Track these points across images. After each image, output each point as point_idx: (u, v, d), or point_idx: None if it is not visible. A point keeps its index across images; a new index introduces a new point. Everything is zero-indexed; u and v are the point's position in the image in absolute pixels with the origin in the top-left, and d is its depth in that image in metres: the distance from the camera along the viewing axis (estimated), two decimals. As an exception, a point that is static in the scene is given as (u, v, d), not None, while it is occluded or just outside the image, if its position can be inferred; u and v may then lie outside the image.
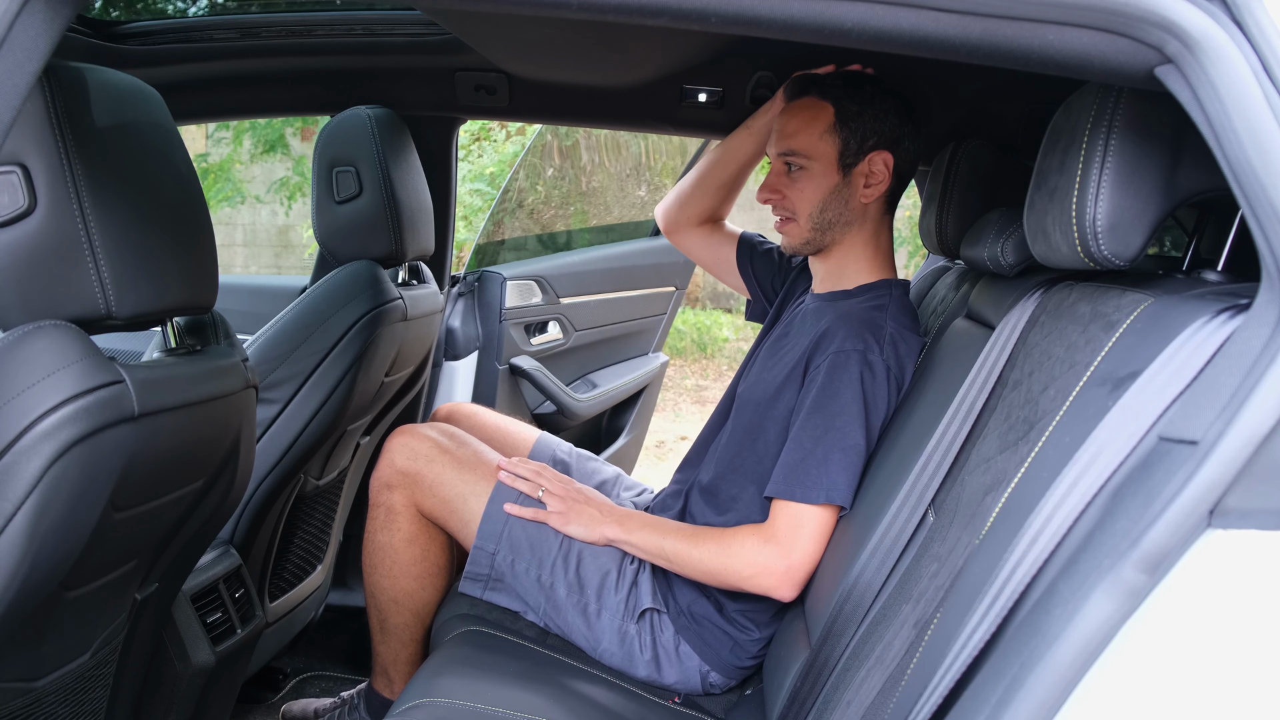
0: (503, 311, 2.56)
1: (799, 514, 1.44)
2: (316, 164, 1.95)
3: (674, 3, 0.79)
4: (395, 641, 1.72)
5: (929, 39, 0.78)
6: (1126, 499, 0.74)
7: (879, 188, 1.56)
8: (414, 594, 1.68)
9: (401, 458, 1.65)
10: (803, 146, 1.55)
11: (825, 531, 1.43)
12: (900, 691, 0.95)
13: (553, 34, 1.71)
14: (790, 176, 1.57)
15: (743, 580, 1.45)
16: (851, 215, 1.57)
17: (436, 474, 1.64)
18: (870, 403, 1.44)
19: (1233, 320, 0.76)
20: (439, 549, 1.69)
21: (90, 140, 0.97)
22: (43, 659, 1.07)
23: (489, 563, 1.60)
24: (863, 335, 1.46)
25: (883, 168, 1.55)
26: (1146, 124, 0.89)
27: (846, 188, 1.55)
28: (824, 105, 1.54)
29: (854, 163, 1.54)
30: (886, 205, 1.60)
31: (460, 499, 1.63)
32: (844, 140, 1.53)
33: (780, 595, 1.45)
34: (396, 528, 1.66)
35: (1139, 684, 0.72)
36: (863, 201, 1.56)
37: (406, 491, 1.64)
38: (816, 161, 1.54)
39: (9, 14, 0.75)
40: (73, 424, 0.91)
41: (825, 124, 1.54)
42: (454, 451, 1.67)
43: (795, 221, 1.58)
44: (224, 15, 2.34)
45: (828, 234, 1.58)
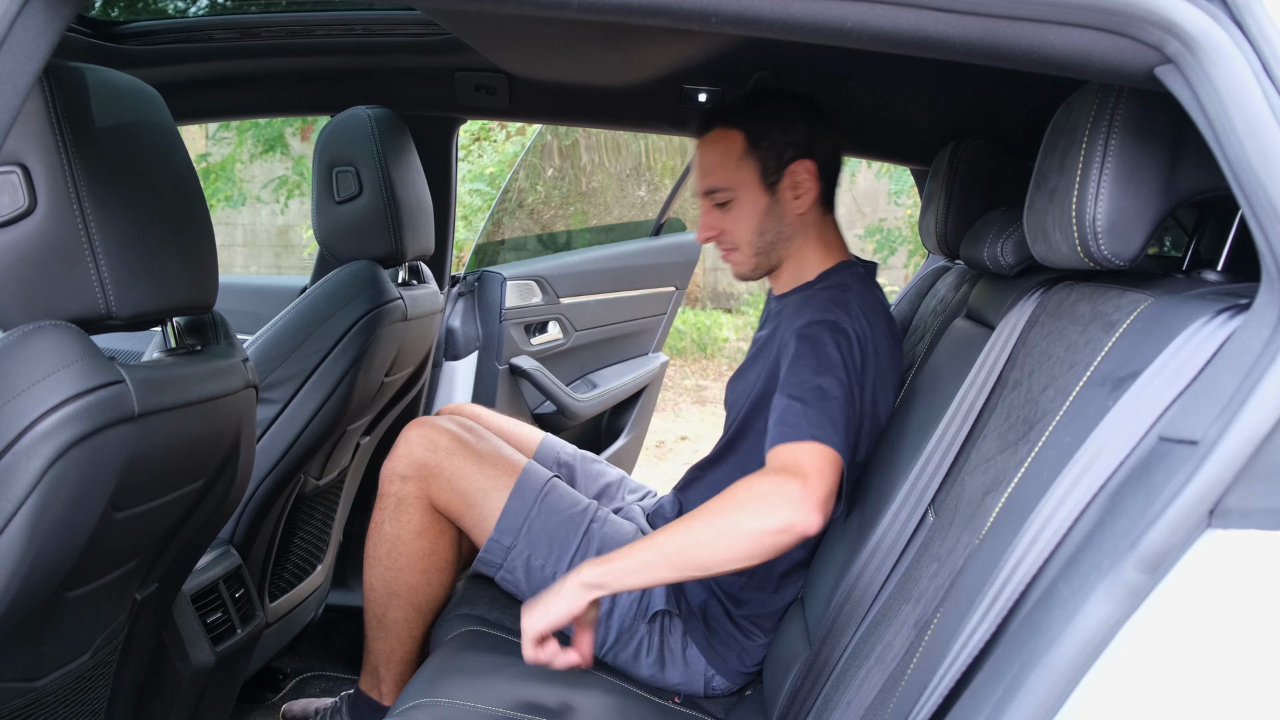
0: (503, 311, 2.56)
1: (794, 451, 1.31)
2: (316, 164, 1.95)
3: (674, 3, 0.79)
4: (391, 638, 1.69)
5: (929, 39, 0.78)
6: (1126, 499, 0.74)
7: (808, 195, 1.54)
8: (417, 588, 1.66)
9: (421, 449, 1.62)
10: (723, 179, 1.54)
11: (827, 465, 1.29)
12: (900, 691, 0.95)
13: (553, 34, 1.71)
14: (721, 210, 1.56)
15: (759, 520, 1.25)
16: (791, 228, 1.56)
17: (457, 467, 1.62)
18: (849, 362, 1.39)
19: (1233, 320, 0.76)
20: (448, 543, 1.67)
21: (90, 140, 0.97)
22: (43, 659, 1.07)
23: (503, 555, 1.59)
24: (829, 309, 1.45)
25: (806, 175, 1.53)
26: (1146, 124, 0.89)
27: (777, 205, 1.54)
28: (732, 133, 1.53)
29: (777, 179, 1.53)
30: (823, 206, 1.59)
31: (481, 493, 1.61)
32: (761, 161, 1.52)
33: (806, 523, 1.24)
34: (406, 519, 1.63)
35: (1139, 684, 0.72)
36: (797, 213, 1.55)
37: (421, 484, 1.62)
38: (741, 189, 1.53)
39: (9, 14, 0.75)
40: (73, 424, 0.91)
41: (739, 150, 1.53)
42: (474, 445, 1.65)
43: (738, 250, 1.57)
44: (224, 15, 2.35)
45: (773, 253, 1.58)
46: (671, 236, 3.10)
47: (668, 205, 3.13)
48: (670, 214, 3.13)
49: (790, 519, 1.24)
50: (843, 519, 1.42)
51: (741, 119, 1.53)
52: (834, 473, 1.29)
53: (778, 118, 1.52)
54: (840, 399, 1.35)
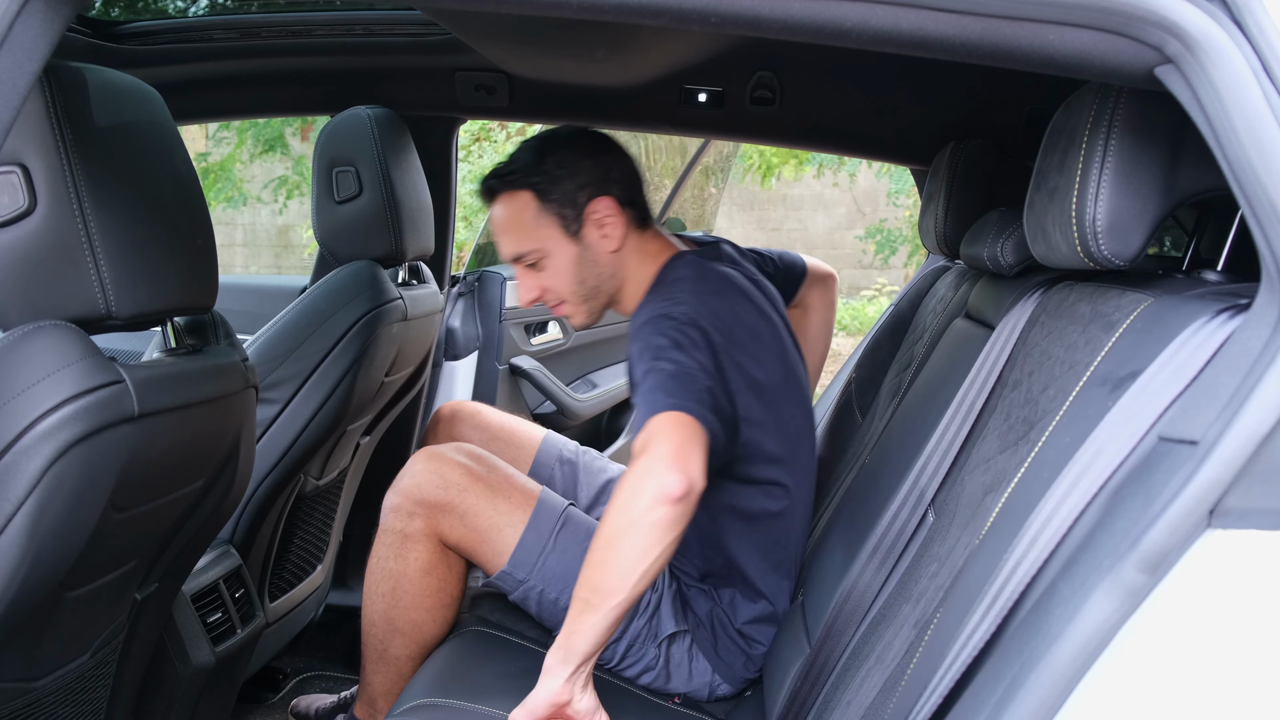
0: (503, 311, 2.56)
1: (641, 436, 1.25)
2: (316, 164, 1.95)
3: (674, 3, 0.79)
4: (393, 673, 1.63)
5: (929, 39, 0.78)
6: (1126, 499, 0.74)
7: (616, 230, 1.51)
8: (422, 625, 1.58)
9: (430, 485, 1.54)
10: (525, 243, 1.51)
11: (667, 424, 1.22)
12: (900, 691, 0.95)
13: (553, 34, 1.71)
14: (536, 272, 1.53)
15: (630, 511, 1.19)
16: (609, 267, 1.53)
17: (470, 504, 1.54)
18: (681, 339, 1.33)
19: (1233, 320, 0.76)
20: (456, 580, 1.60)
21: (90, 140, 0.97)
22: (43, 659, 1.07)
23: (515, 586, 1.54)
24: (654, 306, 1.39)
25: (608, 212, 1.50)
26: (1146, 124, 0.89)
27: (588, 250, 1.51)
28: (520, 195, 1.50)
29: (579, 226, 1.50)
30: (637, 229, 1.55)
31: (495, 530, 1.53)
32: (558, 214, 1.49)
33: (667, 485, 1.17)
34: (413, 557, 1.56)
35: (1139, 684, 0.72)
36: (610, 250, 1.52)
37: (429, 520, 1.54)
38: (547, 246, 1.50)
39: (9, 14, 0.75)
40: (73, 424, 0.91)
41: (532, 210, 1.50)
42: (485, 478, 1.57)
43: (566, 303, 1.55)
44: (224, 15, 2.35)
45: (601, 295, 1.55)
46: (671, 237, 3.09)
47: (668, 205, 3.13)
48: (670, 214, 3.13)
49: (652, 491, 1.18)
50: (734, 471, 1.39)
51: (524, 178, 1.50)
52: (677, 428, 1.22)
53: (561, 165, 1.49)
54: (670, 370, 1.29)
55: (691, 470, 1.19)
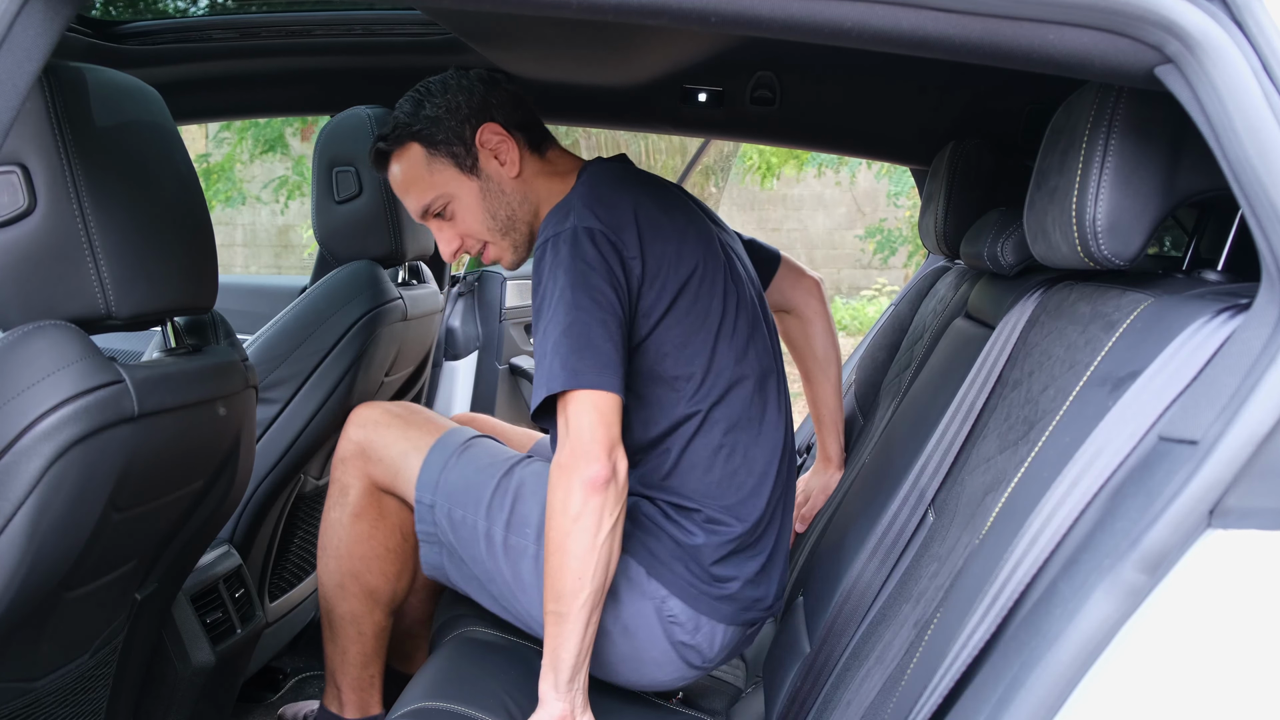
0: (503, 311, 2.56)
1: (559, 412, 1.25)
2: (316, 164, 1.95)
3: (674, 3, 0.79)
4: (341, 638, 1.58)
5: (929, 39, 0.78)
6: (1126, 499, 0.74)
7: (511, 153, 1.45)
8: (360, 576, 1.55)
9: (352, 428, 1.56)
10: (428, 190, 1.46)
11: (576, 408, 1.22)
12: (900, 691, 0.95)
13: (553, 34, 1.71)
14: (448, 221, 1.49)
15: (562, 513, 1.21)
16: (516, 193, 1.47)
17: (383, 438, 1.53)
18: (574, 274, 1.26)
19: (1233, 320, 0.76)
20: (388, 529, 1.56)
21: (90, 140, 0.97)
22: (42, 659, 1.07)
23: (431, 517, 1.46)
24: (549, 225, 1.33)
25: (496, 137, 1.44)
26: (1146, 124, 0.89)
27: (489, 181, 1.46)
28: (407, 148, 1.46)
29: (474, 160, 1.45)
30: (534, 149, 1.49)
31: (403, 457, 1.50)
32: (448, 153, 1.45)
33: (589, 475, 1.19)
34: (347, 502, 1.56)
35: (1139, 684, 0.72)
36: (512, 175, 1.46)
37: (360, 464, 1.54)
38: (449, 189, 1.46)
39: (9, 14, 0.75)
40: (72, 424, 0.91)
41: (422, 160, 1.46)
42: (404, 416, 1.56)
43: (490, 244, 1.49)
44: (224, 15, 2.35)
45: (518, 224, 1.48)
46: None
47: (668, 205, 3.12)
48: (670, 214, 3.13)
49: (579, 486, 1.20)
50: None
51: (406, 130, 1.46)
52: (587, 410, 1.21)
53: (438, 107, 1.45)
54: (566, 322, 1.23)
55: (615, 452, 1.21)
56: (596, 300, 1.26)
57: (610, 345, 1.24)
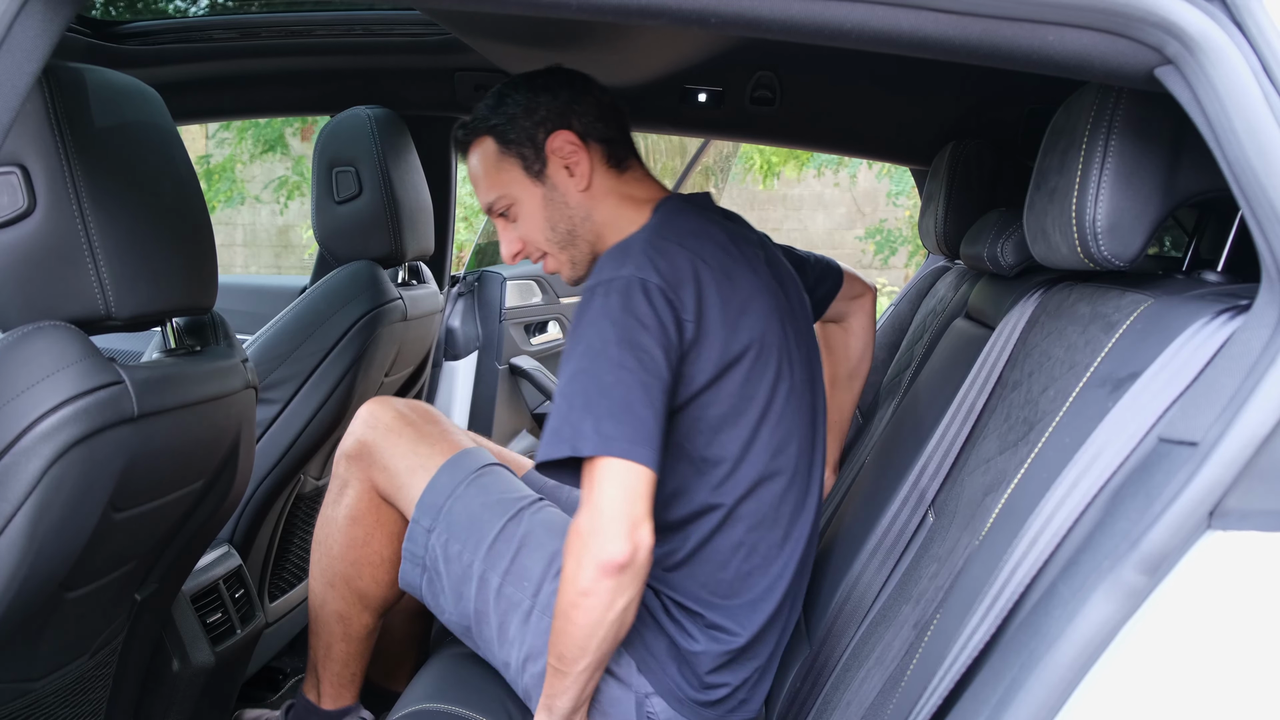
0: (503, 311, 2.56)
1: (585, 475, 1.15)
2: (316, 164, 1.95)
3: (674, 3, 0.79)
4: (326, 633, 1.55)
5: (929, 39, 0.78)
6: (1126, 500, 0.74)
7: (582, 165, 1.38)
8: (350, 580, 1.50)
9: (362, 426, 1.49)
10: (492, 188, 1.41)
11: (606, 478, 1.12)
12: (900, 692, 0.95)
13: (553, 34, 1.71)
14: (512, 223, 1.43)
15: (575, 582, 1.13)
16: (582, 209, 1.40)
17: (392, 445, 1.46)
18: (621, 328, 1.17)
19: (1233, 321, 0.76)
20: (384, 537, 1.50)
21: (90, 140, 0.97)
22: (42, 659, 1.07)
23: (424, 541, 1.40)
24: (605, 266, 1.24)
25: (569, 146, 1.37)
26: (1146, 125, 0.89)
27: (555, 191, 1.39)
28: (482, 140, 1.41)
29: (542, 166, 1.38)
30: (614, 167, 1.42)
31: (409, 473, 1.44)
32: (518, 154, 1.39)
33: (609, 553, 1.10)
34: (345, 503, 1.51)
35: (1139, 685, 0.72)
36: (580, 189, 1.39)
37: (362, 466, 1.48)
38: (513, 190, 1.40)
39: (9, 14, 0.75)
40: (72, 425, 0.91)
41: (493, 155, 1.40)
42: (417, 424, 1.49)
43: (549, 255, 1.42)
44: (224, 15, 2.35)
45: (578, 241, 1.41)
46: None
47: (668, 205, 3.12)
48: (670, 214, 3.13)
49: (595, 563, 1.11)
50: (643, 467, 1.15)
51: (484, 123, 1.41)
52: (618, 480, 1.12)
53: (516, 104, 1.39)
54: (608, 382, 1.15)
55: (638, 532, 1.11)
56: (642, 361, 1.17)
57: (650, 413, 1.15)
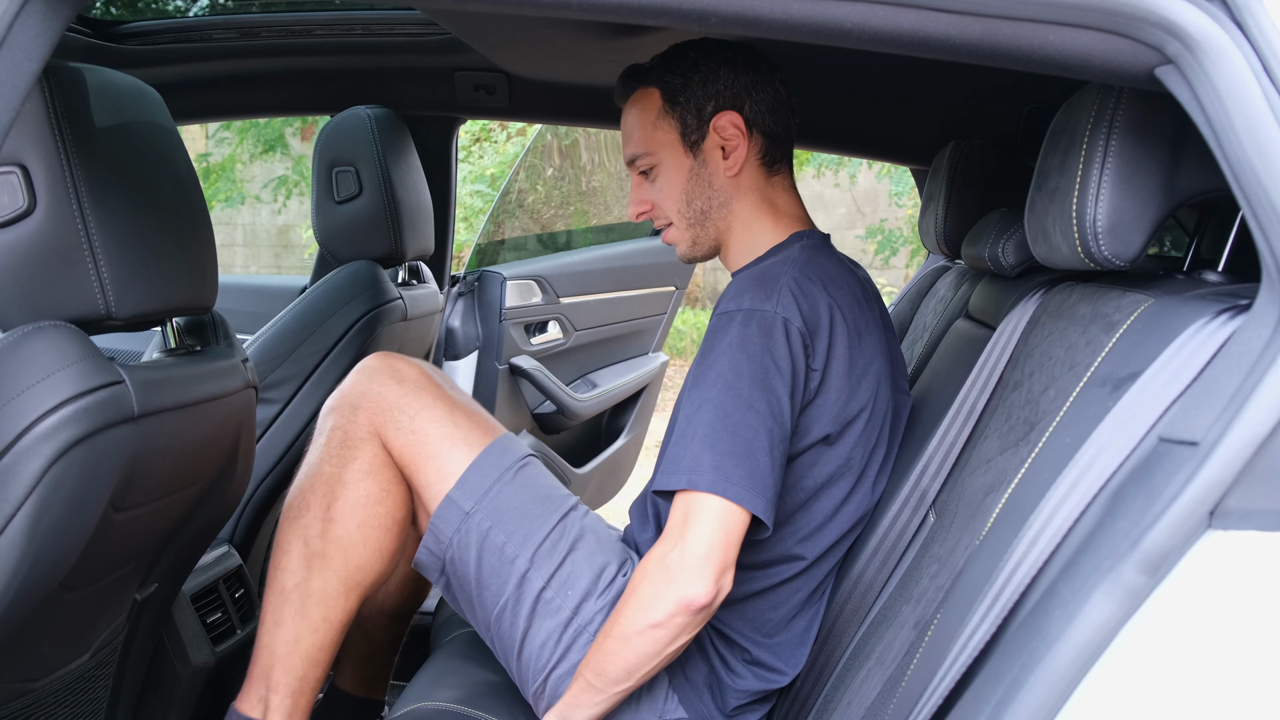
0: (503, 311, 2.56)
1: (680, 503, 1.13)
2: (316, 164, 1.96)
3: (674, 3, 0.79)
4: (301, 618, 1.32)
5: (929, 39, 0.78)
6: (1127, 500, 0.74)
7: (739, 152, 1.33)
8: (351, 546, 1.32)
9: (380, 377, 1.35)
10: (641, 144, 1.36)
11: (714, 518, 1.10)
12: (900, 692, 0.95)
13: (553, 34, 1.71)
14: (649, 181, 1.37)
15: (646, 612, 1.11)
16: (724, 194, 1.35)
17: (424, 405, 1.34)
18: (757, 365, 1.15)
19: (1233, 321, 0.76)
20: (399, 495, 1.35)
21: (90, 140, 0.97)
22: (43, 659, 1.07)
23: (458, 524, 1.30)
24: (747, 292, 1.21)
25: (734, 130, 1.32)
26: (1147, 124, 0.89)
27: (704, 167, 1.34)
28: (649, 91, 1.35)
29: (700, 139, 1.33)
30: (767, 168, 1.36)
31: (446, 441, 1.32)
32: (680, 119, 1.33)
33: (691, 594, 1.09)
34: (352, 456, 1.33)
35: (1139, 685, 0.72)
36: (729, 174, 1.34)
37: (375, 417, 1.34)
38: (662, 153, 1.35)
39: (9, 14, 0.75)
40: (72, 425, 0.91)
41: (655, 110, 1.34)
42: (446, 391, 1.39)
43: (673, 225, 1.38)
44: (224, 15, 2.35)
45: (709, 224, 1.36)
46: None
47: (668, 205, 3.12)
48: (670, 214, 3.13)
49: (676, 598, 1.09)
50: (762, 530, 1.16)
51: (656, 74, 1.34)
52: (722, 521, 1.10)
53: (696, 68, 1.32)
54: (734, 421, 1.13)
55: (725, 577, 1.11)
56: (771, 406, 1.15)
57: (768, 462, 1.13)
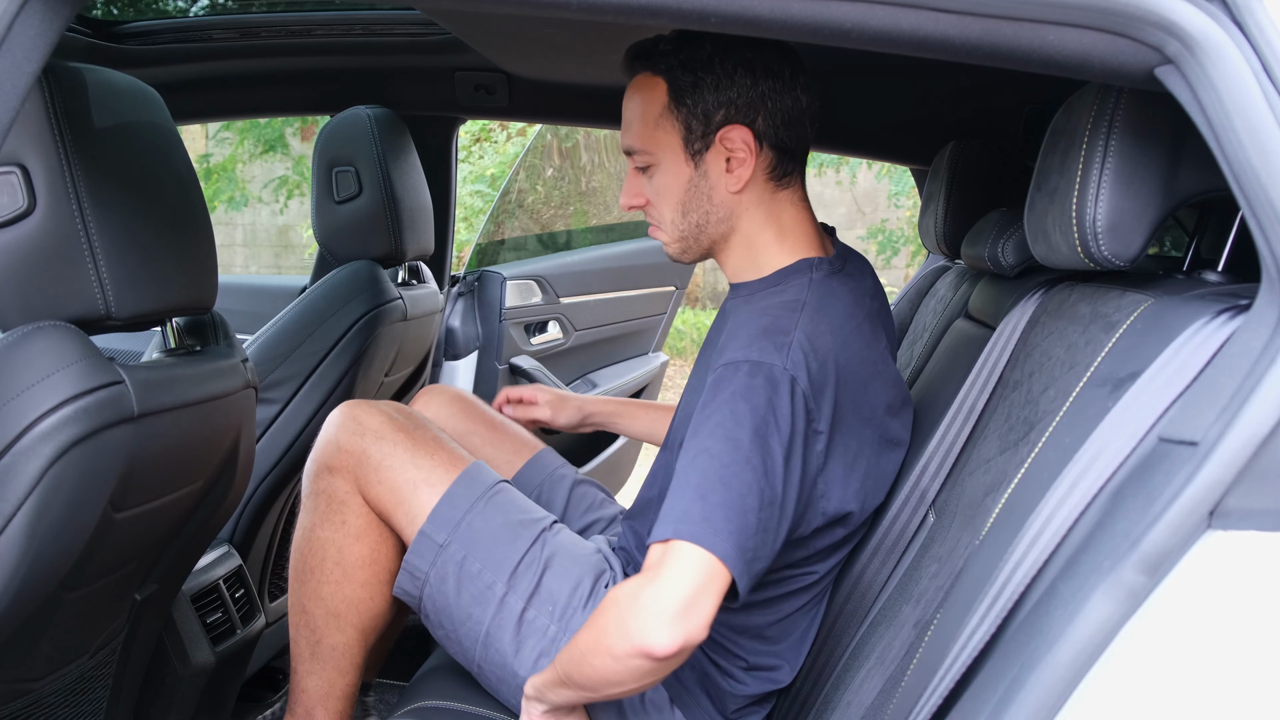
0: (503, 311, 2.56)
1: (663, 548, 1.06)
2: (316, 164, 1.96)
3: (674, 3, 0.79)
4: (331, 669, 1.40)
5: (929, 39, 0.78)
6: (1126, 500, 0.74)
7: (744, 170, 1.21)
8: (360, 603, 1.38)
9: (345, 433, 1.36)
10: (640, 139, 1.24)
11: (692, 569, 1.03)
12: (900, 692, 0.95)
13: (553, 34, 1.71)
14: (646, 176, 1.26)
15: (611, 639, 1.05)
16: (723, 209, 1.24)
17: (386, 453, 1.34)
18: (759, 419, 1.10)
19: (1233, 321, 0.76)
20: (390, 549, 1.38)
21: (90, 140, 0.97)
22: (43, 659, 1.07)
23: (433, 556, 1.30)
24: (757, 342, 1.14)
25: (742, 145, 1.20)
26: (1146, 124, 0.89)
27: (704, 180, 1.23)
28: (655, 81, 1.22)
29: (703, 147, 1.21)
30: (775, 182, 1.25)
31: (410, 486, 1.33)
32: (683, 122, 1.21)
33: (651, 641, 1.01)
34: (342, 520, 1.36)
35: (1139, 685, 0.72)
36: (731, 191, 1.23)
37: (351, 475, 1.35)
38: (661, 154, 1.23)
39: (8, 14, 0.75)
40: (72, 425, 0.91)
41: (659, 106, 1.22)
42: (409, 430, 1.38)
43: (662, 228, 1.28)
44: (224, 15, 2.35)
45: (703, 236, 1.27)
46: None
47: (668, 205, 3.12)
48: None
49: (636, 638, 1.02)
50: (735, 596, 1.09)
51: (666, 64, 1.21)
52: (699, 572, 1.03)
53: (710, 67, 1.19)
54: (727, 474, 1.07)
55: (692, 629, 1.02)
56: (768, 468, 1.09)
57: (755, 522, 1.07)
